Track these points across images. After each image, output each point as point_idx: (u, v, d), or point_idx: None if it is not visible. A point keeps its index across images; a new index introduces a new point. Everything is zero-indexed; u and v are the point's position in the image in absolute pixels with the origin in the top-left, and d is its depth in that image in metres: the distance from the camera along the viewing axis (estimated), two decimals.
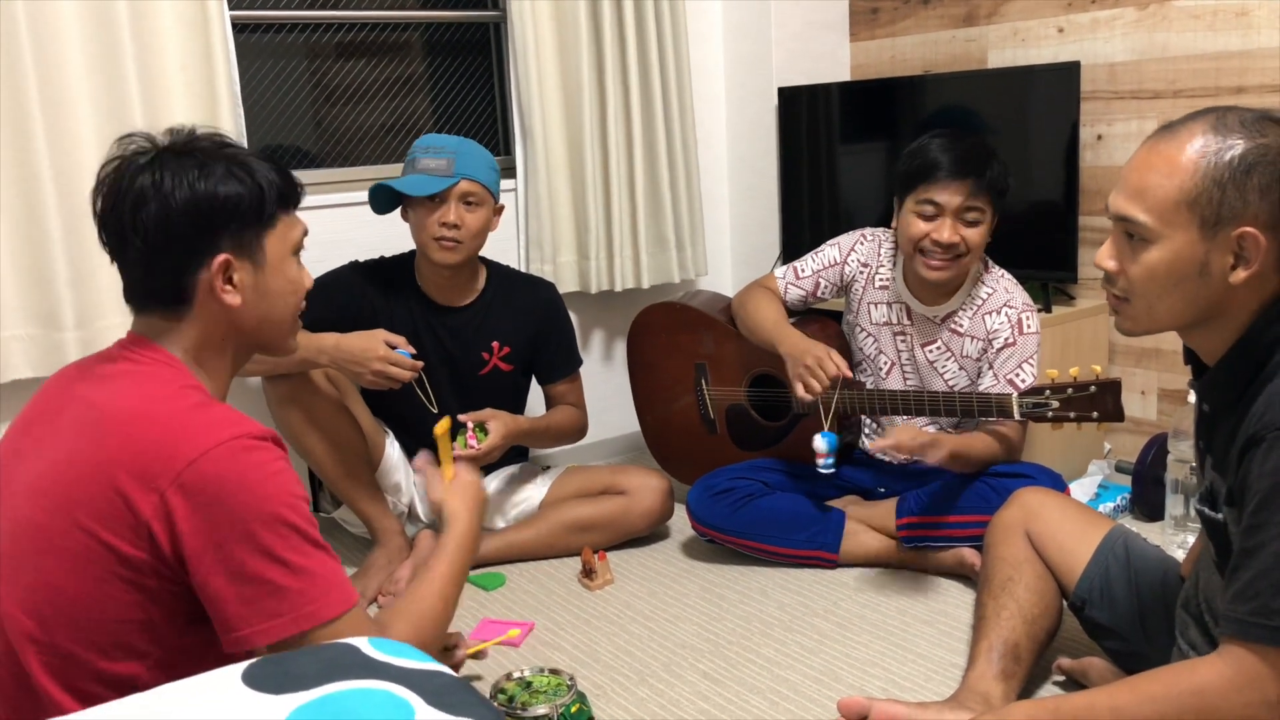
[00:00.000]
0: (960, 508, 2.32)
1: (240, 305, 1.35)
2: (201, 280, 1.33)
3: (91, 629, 1.23)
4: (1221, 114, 1.30)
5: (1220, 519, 1.38)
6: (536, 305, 2.65)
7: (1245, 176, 1.26)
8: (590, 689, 1.98)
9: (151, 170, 1.31)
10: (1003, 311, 2.36)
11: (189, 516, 1.19)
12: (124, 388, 1.30)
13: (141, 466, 1.21)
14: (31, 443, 1.34)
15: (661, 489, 2.62)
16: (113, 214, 1.33)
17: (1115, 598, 1.77)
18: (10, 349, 2.40)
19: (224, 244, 1.33)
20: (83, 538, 1.21)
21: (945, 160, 2.27)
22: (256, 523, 1.21)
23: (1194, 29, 2.68)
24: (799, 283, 2.59)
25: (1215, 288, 1.31)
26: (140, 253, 1.32)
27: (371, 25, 3.07)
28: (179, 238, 1.31)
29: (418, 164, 2.44)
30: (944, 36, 3.25)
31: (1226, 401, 1.38)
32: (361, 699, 0.87)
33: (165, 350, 1.34)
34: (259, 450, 1.24)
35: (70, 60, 2.39)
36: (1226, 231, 1.28)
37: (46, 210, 2.37)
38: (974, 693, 1.73)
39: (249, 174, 1.35)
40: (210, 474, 1.20)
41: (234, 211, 1.33)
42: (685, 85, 3.26)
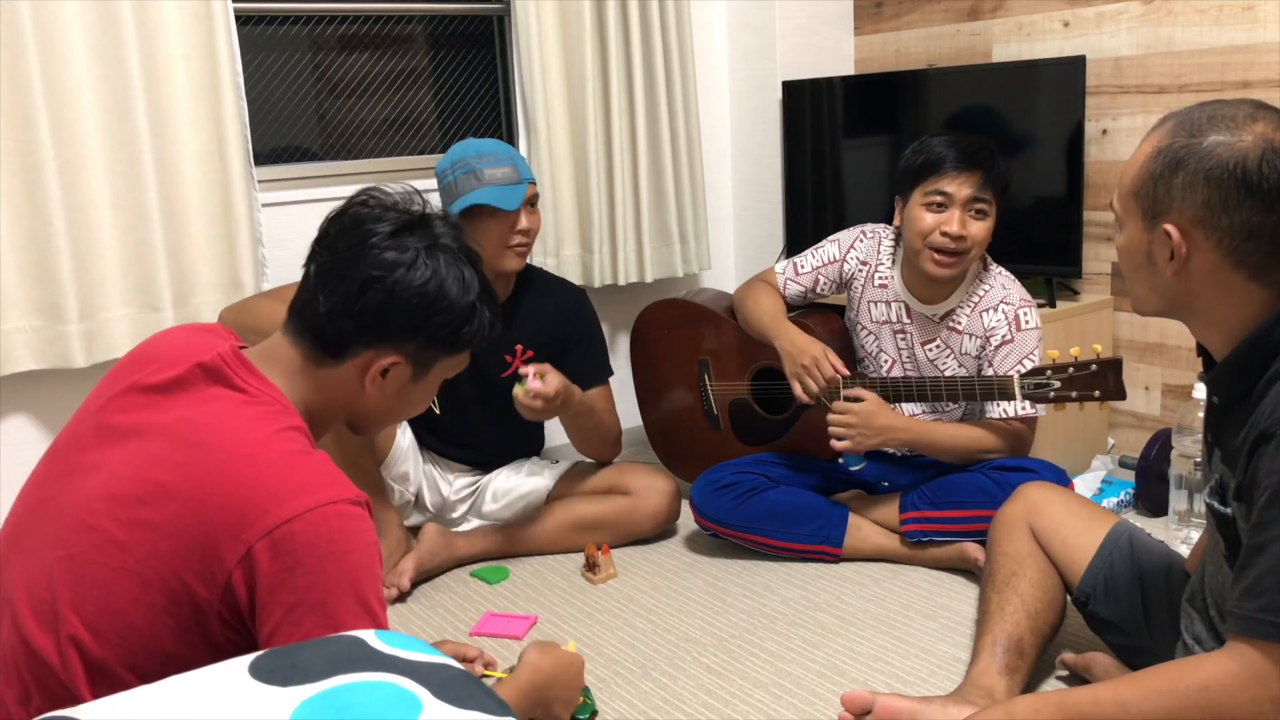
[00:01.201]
0: (964, 502, 2.32)
1: (376, 399, 1.37)
2: (365, 356, 1.33)
3: (142, 657, 1.21)
4: (1199, 109, 1.34)
5: (1229, 514, 1.38)
6: (561, 309, 2.60)
7: (1171, 174, 1.31)
8: (593, 682, 1.99)
9: (417, 252, 1.32)
10: (999, 308, 2.36)
11: (270, 573, 1.17)
12: (228, 419, 1.26)
13: (234, 515, 1.18)
14: (111, 433, 1.29)
15: (668, 491, 2.61)
16: (348, 259, 1.32)
17: (1119, 593, 1.76)
18: (13, 341, 2.40)
19: (410, 347, 1.35)
20: (160, 568, 1.19)
21: (952, 154, 2.27)
22: (333, 595, 1.19)
23: (1199, 23, 2.68)
24: (798, 279, 2.59)
25: (1164, 279, 1.37)
26: (345, 301, 1.31)
27: (375, 18, 3.06)
28: (390, 317, 1.32)
29: (483, 175, 2.38)
30: (948, 30, 3.24)
31: (1235, 396, 1.38)
32: (368, 692, 0.87)
33: (279, 389, 1.32)
34: (353, 520, 1.22)
35: (73, 52, 2.38)
36: (1159, 225, 1.34)
37: (49, 202, 2.37)
38: (977, 687, 1.73)
39: (472, 306, 1.36)
40: (301, 537, 1.18)
41: (443, 328, 1.35)
42: (689, 78, 3.25)
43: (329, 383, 1.35)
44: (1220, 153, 1.28)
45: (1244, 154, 1.27)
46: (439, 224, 1.38)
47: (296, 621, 1.17)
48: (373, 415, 1.42)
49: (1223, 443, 1.42)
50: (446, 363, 1.41)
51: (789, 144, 3.36)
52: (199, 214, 2.59)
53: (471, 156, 2.40)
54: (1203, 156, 1.29)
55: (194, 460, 1.22)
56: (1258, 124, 1.29)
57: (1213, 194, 1.29)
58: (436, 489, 2.65)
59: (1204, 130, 1.31)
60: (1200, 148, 1.30)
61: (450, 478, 2.67)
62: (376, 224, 1.34)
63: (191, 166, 2.56)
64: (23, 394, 2.50)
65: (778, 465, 2.58)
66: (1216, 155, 1.28)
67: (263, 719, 0.84)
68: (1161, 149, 1.33)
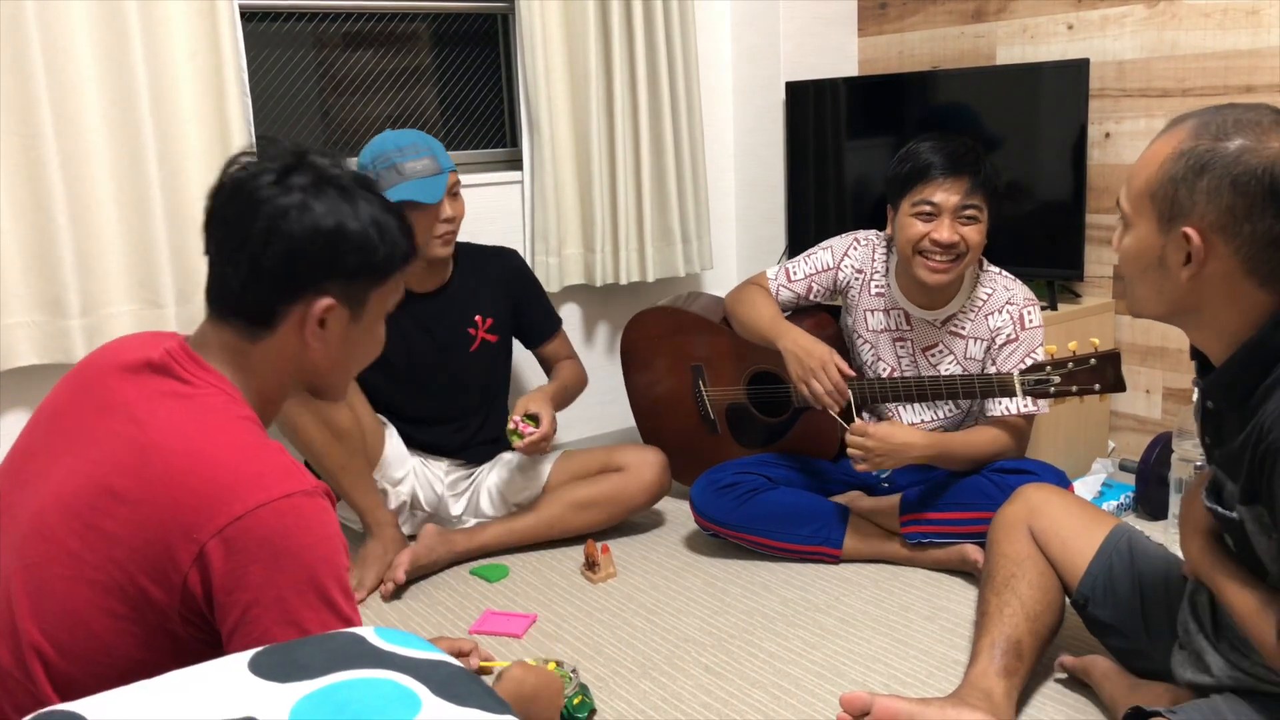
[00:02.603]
0: (963, 504, 2.33)
1: (321, 351, 1.31)
2: (294, 313, 1.28)
3: (106, 666, 1.19)
4: (1214, 113, 1.33)
5: (1235, 517, 1.38)
6: (508, 272, 2.70)
7: (1195, 177, 1.30)
8: (592, 681, 1.99)
9: (304, 191, 1.26)
10: (1004, 310, 2.36)
11: (224, 572, 1.14)
12: (176, 417, 1.23)
13: (186, 514, 1.15)
14: (62, 439, 1.27)
15: (658, 463, 2.64)
16: (239, 221, 1.26)
17: (1118, 595, 1.76)
18: (15, 335, 2.40)
19: (334, 287, 1.29)
20: (117, 575, 1.16)
21: (939, 160, 2.26)
22: (290, 591, 1.15)
23: (1204, 27, 2.68)
24: (790, 285, 2.58)
25: (1174, 282, 1.35)
26: (251, 264, 1.26)
27: (378, 15, 3.06)
28: (297, 263, 1.26)
29: (404, 169, 2.41)
30: (952, 32, 3.24)
31: (1232, 402, 1.38)
32: (367, 688, 0.87)
33: (220, 374, 1.28)
34: (308, 512, 1.18)
35: (78, 47, 2.38)
36: (1177, 228, 1.32)
37: (53, 197, 2.37)
38: (976, 689, 1.73)
39: (381, 225, 1.31)
40: (253, 533, 1.14)
41: (358, 257, 1.29)
42: (693, 78, 3.25)
43: (271, 355, 1.30)
44: (1249, 159, 1.27)
45: (1273, 161, 1.26)
46: (320, 159, 1.31)
47: (255, 619, 1.14)
48: (328, 371, 1.35)
49: (1221, 446, 1.42)
50: (379, 293, 1.34)
51: (792, 145, 3.36)
52: (203, 210, 2.58)
53: (391, 150, 2.42)
54: (1231, 162, 1.27)
55: (144, 463, 1.19)
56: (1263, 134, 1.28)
57: (1238, 200, 1.27)
58: (430, 487, 2.65)
59: (1230, 134, 1.29)
60: (1228, 152, 1.28)
61: (439, 473, 2.67)
62: (258, 178, 1.27)
63: (195, 163, 2.56)
64: (24, 389, 2.50)
65: (778, 466, 2.58)
66: (1245, 162, 1.27)
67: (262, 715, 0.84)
68: (1185, 151, 1.31)
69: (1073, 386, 2.11)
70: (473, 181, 3.09)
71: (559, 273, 3.13)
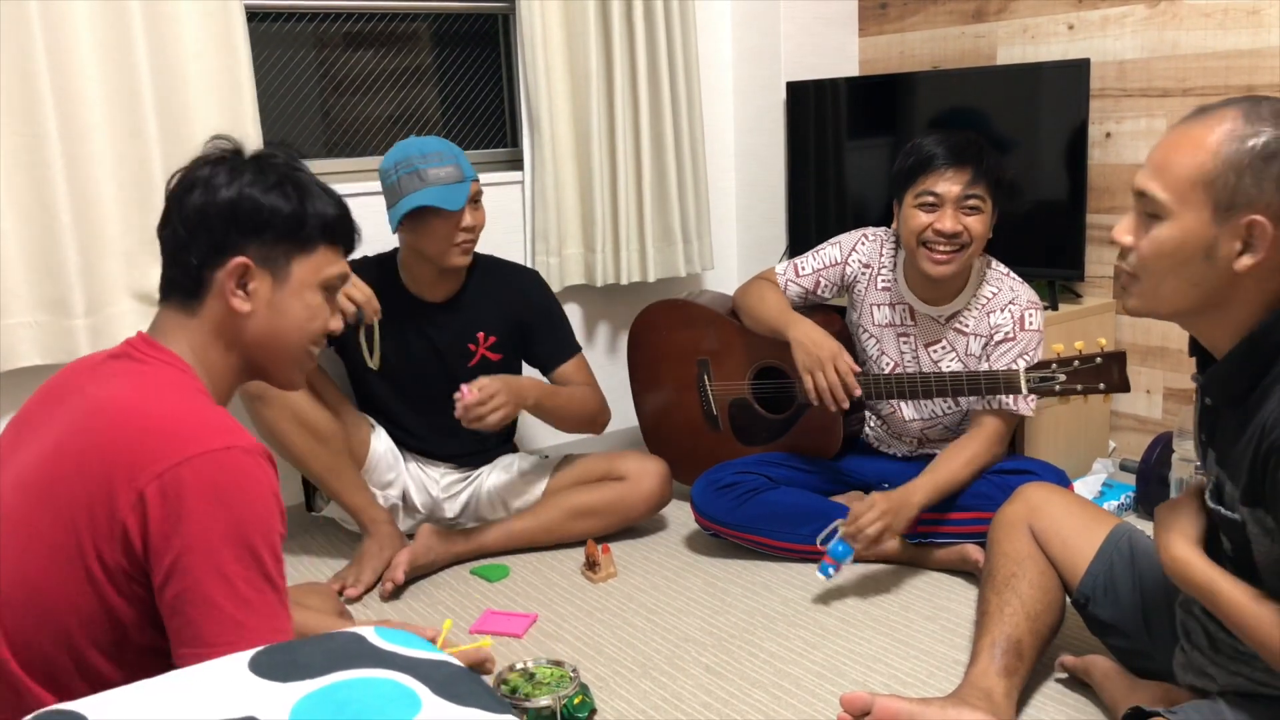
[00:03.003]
0: (963, 504, 2.33)
1: (248, 314, 1.36)
2: (218, 277, 1.35)
3: (63, 628, 1.21)
4: (1255, 102, 1.30)
5: (1238, 519, 1.37)
6: (517, 294, 2.62)
7: (1265, 165, 1.26)
8: (593, 681, 1.99)
9: (213, 165, 1.36)
10: (1007, 309, 2.36)
11: (162, 519, 1.17)
12: (124, 384, 1.30)
13: (127, 461, 1.19)
14: (29, 432, 1.33)
15: (660, 473, 2.63)
16: (168, 199, 1.37)
17: (1119, 595, 1.76)
18: (19, 335, 2.40)
19: (249, 250, 1.35)
20: (64, 534, 1.20)
21: (941, 151, 2.28)
22: (222, 541, 1.18)
23: (1204, 27, 2.68)
24: (799, 280, 2.59)
25: (1219, 273, 1.31)
26: (174, 237, 1.36)
27: (379, 15, 3.06)
28: (210, 229, 1.33)
29: (426, 175, 2.38)
30: (953, 32, 3.24)
31: (1232, 398, 1.37)
32: (368, 688, 0.87)
33: (172, 352, 1.35)
34: (246, 469, 1.21)
35: (82, 46, 2.38)
36: (1238, 218, 1.28)
37: (56, 197, 2.37)
38: (976, 689, 1.73)
39: (300, 196, 1.37)
40: (190, 482, 1.17)
41: (269, 221, 1.35)
42: (693, 78, 3.25)
43: (208, 326, 1.36)
44: None
45: None
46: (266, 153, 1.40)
47: (186, 568, 1.16)
48: (265, 340, 1.38)
49: (1218, 445, 1.42)
50: (303, 261, 1.39)
51: (793, 145, 3.36)
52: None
53: (415, 156, 2.40)
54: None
55: (90, 427, 1.24)
56: None
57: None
58: (424, 489, 2.65)
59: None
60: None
61: (435, 475, 2.67)
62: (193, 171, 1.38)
63: None
64: (28, 389, 2.49)
65: (779, 466, 2.58)
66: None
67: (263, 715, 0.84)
68: (1241, 138, 1.27)
69: (1077, 385, 2.11)
70: None
71: (559, 272, 3.13)
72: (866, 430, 2.64)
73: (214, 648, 1.15)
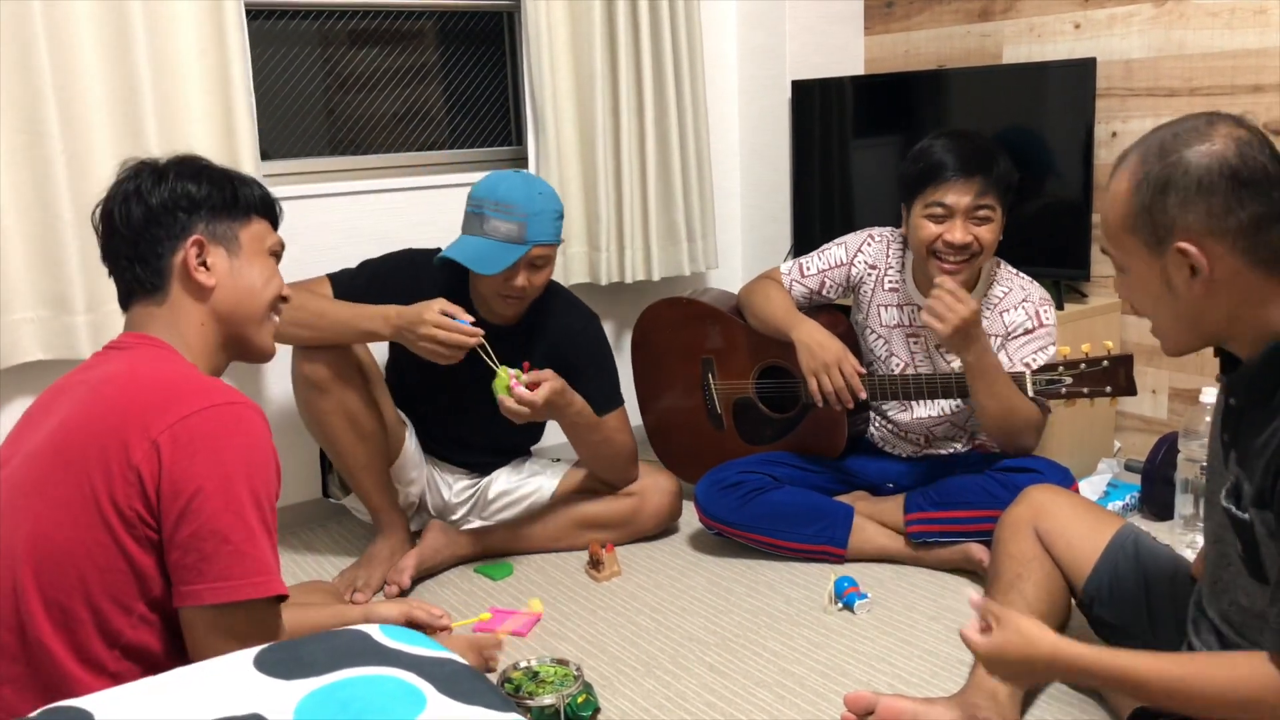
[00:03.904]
0: (968, 503, 2.32)
1: (214, 286, 1.46)
2: (177, 263, 1.45)
3: (83, 581, 1.26)
4: (1148, 140, 1.38)
5: (1247, 519, 1.37)
6: (570, 335, 2.53)
7: (1162, 196, 1.32)
8: (597, 680, 1.99)
9: (133, 178, 1.48)
10: (1021, 306, 2.36)
11: (174, 463, 1.25)
12: (120, 365, 1.38)
13: (138, 416, 1.27)
14: (35, 424, 1.39)
15: (671, 490, 2.61)
16: (106, 219, 1.48)
17: (1124, 596, 1.76)
18: (21, 331, 2.40)
19: (198, 230, 1.47)
20: (79, 489, 1.26)
21: (951, 160, 2.25)
22: (231, 482, 1.26)
23: (1211, 26, 2.67)
24: (804, 280, 2.58)
25: (1190, 301, 1.35)
26: (125, 244, 1.46)
27: (384, 13, 3.06)
28: (157, 225, 1.45)
29: (486, 223, 2.31)
30: (959, 31, 3.24)
31: (1256, 400, 1.37)
32: (372, 685, 0.87)
33: (156, 337, 1.44)
34: (250, 422, 1.31)
35: (83, 44, 2.38)
36: (1168, 248, 1.33)
37: (58, 194, 2.37)
38: (980, 689, 1.73)
39: (225, 179, 1.51)
40: (200, 430, 1.27)
41: (205, 202, 1.47)
42: (698, 77, 3.25)
43: (180, 310, 1.45)
44: (1201, 161, 1.30)
45: (1223, 154, 1.30)
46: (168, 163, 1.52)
47: (198, 509, 1.24)
48: (233, 308, 1.48)
49: (1240, 444, 1.41)
50: (248, 232, 1.51)
51: (798, 144, 3.36)
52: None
53: (490, 201, 2.32)
54: (1185, 170, 1.31)
55: (97, 397, 1.32)
56: (1218, 127, 1.32)
57: (1212, 200, 1.29)
58: (438, 492, 2.65)
59: (1172, 149, 1.33)
60: (1180, 163, 1.31)
61: (450, 480, 2.67)
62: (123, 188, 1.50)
63: None
64: (29, 384, 2.50)
65: (783, 465, 2.57)
66: (1199, 164, 1.30)
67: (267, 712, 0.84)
68: (1139, 180, 1.35)
69: (1084, 388, 2.11)
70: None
71: (564, 271, 3.12)
72: (871, 430, 2.64)
73: (225, 580, 1.24)
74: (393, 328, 2.27)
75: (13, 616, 1.25)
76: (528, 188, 2.35)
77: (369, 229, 2.85)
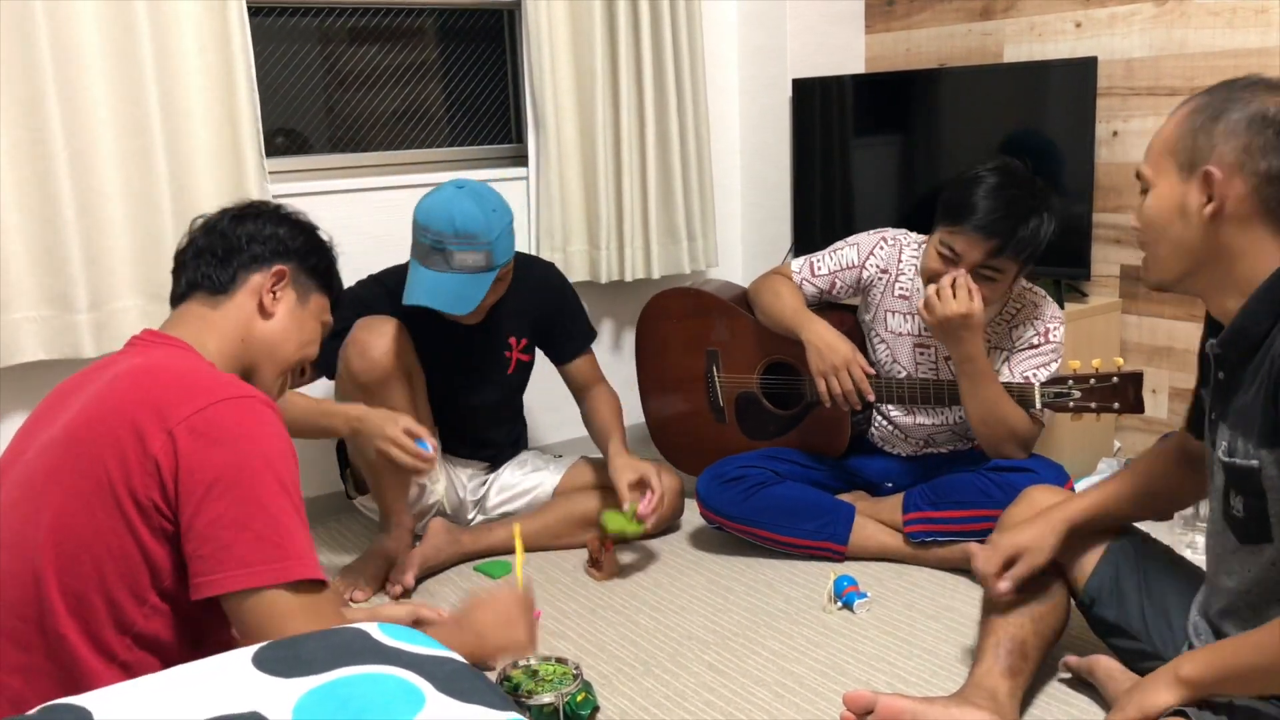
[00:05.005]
0: (963, 502, 2.32)
1: (270, 316, 1.52)
2: (254, 278, 1.52)
3: (99, 570, 1.26)
4: (1221, 85, 1.46)
5: (1255, 465, 1.40)
6: (535, 288, 2.57)
7: (1213, 122, 1.41)
8: (596, 679, 1.99)
9: (273, 208, 1.61)
10: (1032, 322, 2.35)
11: (192, 453, 1.26)
12: (138, 360, 1.39)
13: (153, 408, 1.28)
14: (47, 421, 1.39)
15: (672, 488, 2.60)
16: (220, 216, 1.58)
17: (1124, 596, 1.76)
18: (23, 330, 2.40)
19: (288, 264, 1.55)
20: (95, 479, 1.27)
21: (980, 209, 2.16)
22: (250, 471, 1.27)
23: (1213, 25, 2.67)
24: (814, 280, 2.57)
25: (1195, 230, 1.43)
26: (222, 242, 1.53)
27: (384, 10, 3.06)
28: (260, 243, 1.54)
29: (452, 259, 2.27)
30: (960, 30, 3.23)
31: (1244, 350, 1.42)
32: (371, 684, 0.87)
33: (174, 336, 1.45)
34: (267, 413, 1.33)
35: (86, 42, 2.38)
36: (1197, 172, 1.42)
37: (60, 192, 2.37)
38: (980, 689, 1.72)
39: (329, 253, 1.64)
40: (218, 420, 1.28)
41: (304, 255, 1.57)
42: (699, 75, 3.25)
43: (229, 316, 1.50)
44: (1259, 104, 1.39)
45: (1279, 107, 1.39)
46: None
47: (217, 497, 1.25)
48: (270, 344, 1.53)
49: (1231, 411, 1.46)
50: (320, 299, 1.60)
51: (798, 142, 3.36)
52: (210, 205, 2.55)
53: (450, 234, 2.26)
54: (1243, 105, 1.40)
55: (112, 389, 1.33)
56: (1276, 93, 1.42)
57: (1253, 138, 1.38)
58: (454, 492, 2.66)
59: (1237, 92, 1.42)
60: (1240, 98, 1.41)
61: (463, 478, 2.67)
62: (260, 207, 1.62)
63: (203, 158, 2.56)
64: (31, 383, 2.51)
65: (785, 460, 2.57)
66: (1256, 105, 1.39)
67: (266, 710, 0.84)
68: (1200, 106, 1.43)
69: (1092, 403, 2.11)
70: (478, 178, 3.08)
71: (564, 269, 3.11)
72: (872, 430, 2.64)
73: (252, 566, 1.24)
74: (351, 430, 2.27)
75: (33, 605, 1.26)
76: (482, 211, 2.29)
77: (369, 226, 2.85)
